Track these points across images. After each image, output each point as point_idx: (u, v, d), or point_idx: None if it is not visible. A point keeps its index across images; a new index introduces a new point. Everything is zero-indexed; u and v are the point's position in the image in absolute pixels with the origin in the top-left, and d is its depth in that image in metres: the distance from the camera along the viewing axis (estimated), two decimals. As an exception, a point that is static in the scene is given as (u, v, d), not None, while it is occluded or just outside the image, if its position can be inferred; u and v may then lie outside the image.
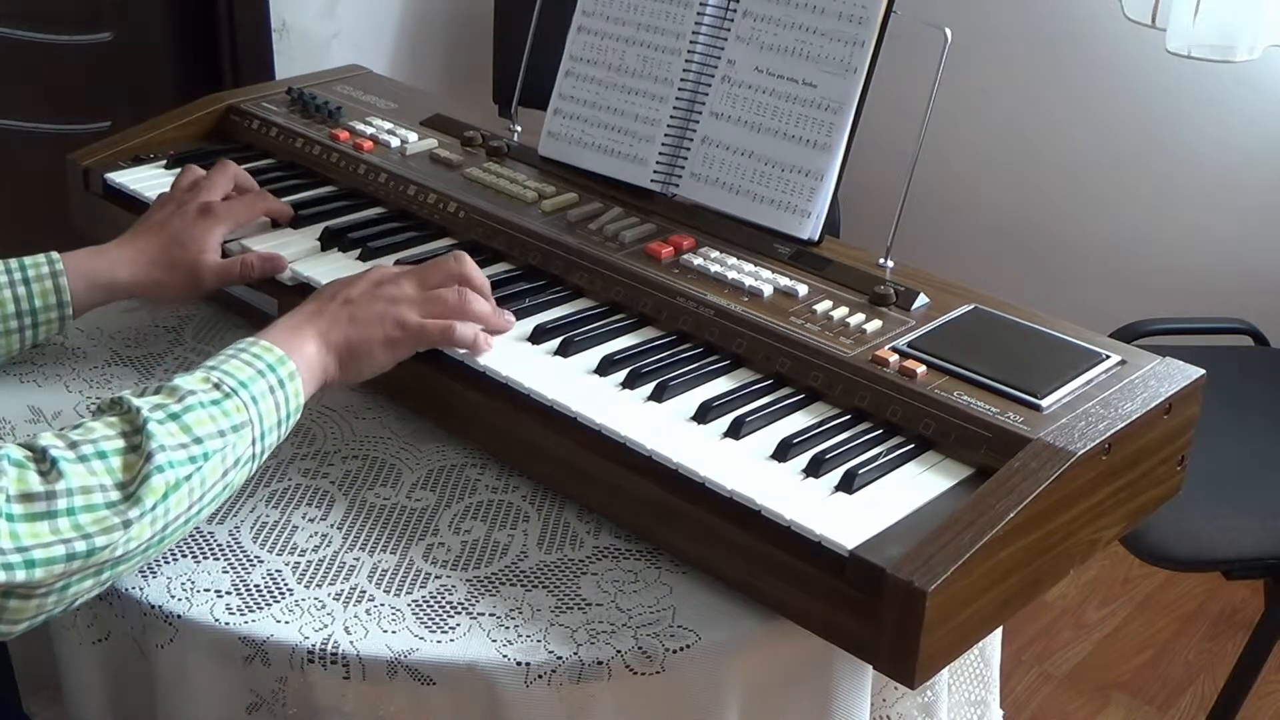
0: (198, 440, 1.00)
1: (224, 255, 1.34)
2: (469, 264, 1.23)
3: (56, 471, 0.94)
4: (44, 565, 0.92)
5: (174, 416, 1.00)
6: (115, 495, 0.96)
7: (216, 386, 1.04)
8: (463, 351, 1.20)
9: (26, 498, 0.93)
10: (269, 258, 1.33)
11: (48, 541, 0.92)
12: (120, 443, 0.98)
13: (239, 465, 1.04)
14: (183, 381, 1.03)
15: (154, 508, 0.97)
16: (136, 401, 1.01)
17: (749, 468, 1.07)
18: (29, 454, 0.96)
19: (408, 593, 1.07)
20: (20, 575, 0.91)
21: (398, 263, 1.34)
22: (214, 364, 1.06)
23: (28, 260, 1.25)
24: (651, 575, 1.10)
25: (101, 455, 0.97)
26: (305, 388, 1.10)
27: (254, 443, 1.05)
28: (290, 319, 1.15)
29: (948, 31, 1.25)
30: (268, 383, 1.06)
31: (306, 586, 1.08)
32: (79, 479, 0.95)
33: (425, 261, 1.24)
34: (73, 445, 0.97)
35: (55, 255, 1.26)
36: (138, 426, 0.99)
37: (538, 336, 1.23)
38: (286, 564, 1.10)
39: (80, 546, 0.93)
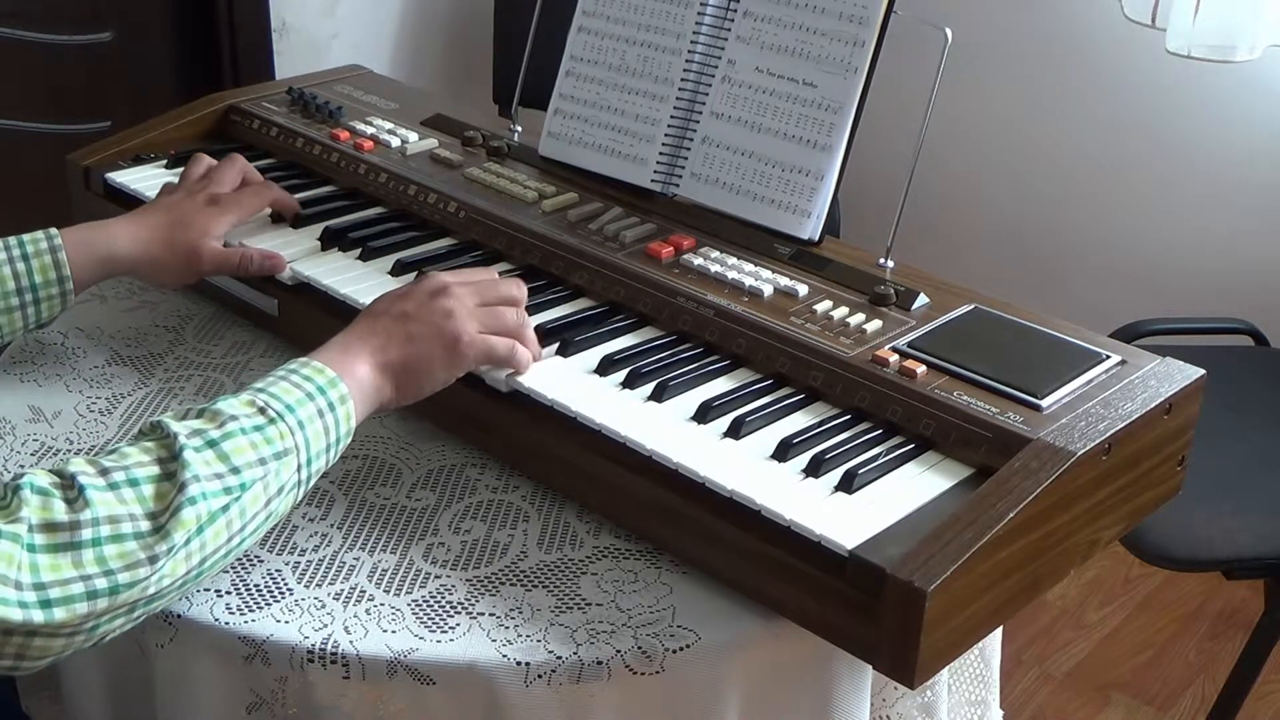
0: (235, 470, 0.96)
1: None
2: (525, 293, 1.20)
3: (84, 500, 0.90)
4: (63, 605, 0.88)
5: (212, 444, 0.96)
6: (145, 525, 0.92)
7: (261, 411, 0.99)
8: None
9: (50, 528, 0.89)
10: (268, 255, 1.33)
11: (68, 577, 0.88)
12: (154, 469, 0.94)
13: (283, 493, 1.00)
14: (225, 405, 0.99)
15: (187, 542, 0.92)
16: (175, 426, 0.96)
17: (749, 467, 1.07)
18: (56, 480, 0.92)
19: (408, 592, 1.07)
20: (38, 616, 0.87)
21: (399, 262, 1.34)
22: (261, 386, 1.02)
23: (26, 237, 1.24)
24: (651, 575, 1.10)
25: (133, 483, 0.93)
26: (357, 410, 1.05)
27: (299, 469, 1.00)
28: (344, 338, 1.09)
29: (948, 31, 1.25)
30: (317, 406, 1.02)
31: (306, 586, 1.08)
32: (107, 508, 0.90)
33: (478, 275, 1.20)
34: (104, 472, 0.93)
35: (54, 231, 1.25)
36: (174, 453, 0.95)
37: (538, 337, 1.23)
38: (286, 564, 1.10)
39: (102, 584, 0.89)
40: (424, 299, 1.13)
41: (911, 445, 1.10)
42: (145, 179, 1.53)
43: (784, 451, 1.08)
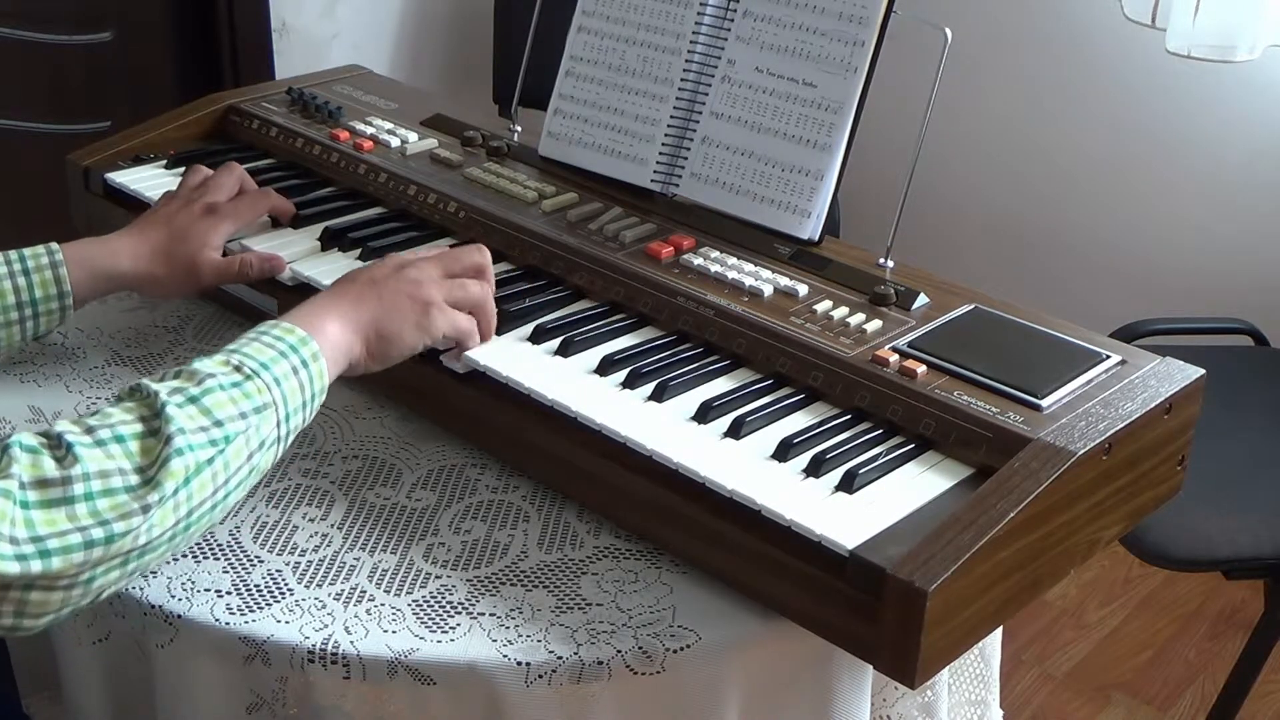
0: (218, 423, 0.98)
1: (224, 255, 1.34)
2: (488, 258, 1.24)
3: (72, 457, 0.93)
4: (61, 554, 0.90)
5: (193, 400, 0.98)
6: (134, 480, 0.94)
7: (237, 369, 1.02)
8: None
9: (42, 484, 0.91)
10: (268, 258, 1.33)
11: (64, 529, 0.90)
12: (138, 427, 0.97)
13: (264, 447, 1.02)
14: (201, 365, 1.02)
15: (175, 492, 0.95)
16: (154, 386, 0.99)
17: (749, 467, 1.07)
18: (44, 440, 0.94)
19: (408, 593, 1.07)
20: (36, 566, 0.89)
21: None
22: (234, 347, 1.05)
23: (27, 251, 1.24)
24: (651, 575, 1.10)
25: (119, 439, 0.95)
26: (330, 369, 1.08)
27: (279, 424, 1.03)
28: (312, 303, 1.13)
29: (948, 31, 1.25)
30: (290, 364, 1.05)
31: (307, 586, 1.08)
32: (96, 464, 0.93)
33: (439, 249, 1.24)
34: (89, 430, 0.95)
35: (55, 246, 1.25)
36: (156, 410, 0.97)
37: (538, 336, 1.23)
38: (287, 564, 1.10)
39: (98, 534, 0.91)
40: (392, 270, 1.17)
41: (911, 445, 1.10)
42: (145, 179, 1.53)
43: (784, 451, 1.08)
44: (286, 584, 1.08)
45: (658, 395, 1.15)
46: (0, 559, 0.88)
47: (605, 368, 1.19)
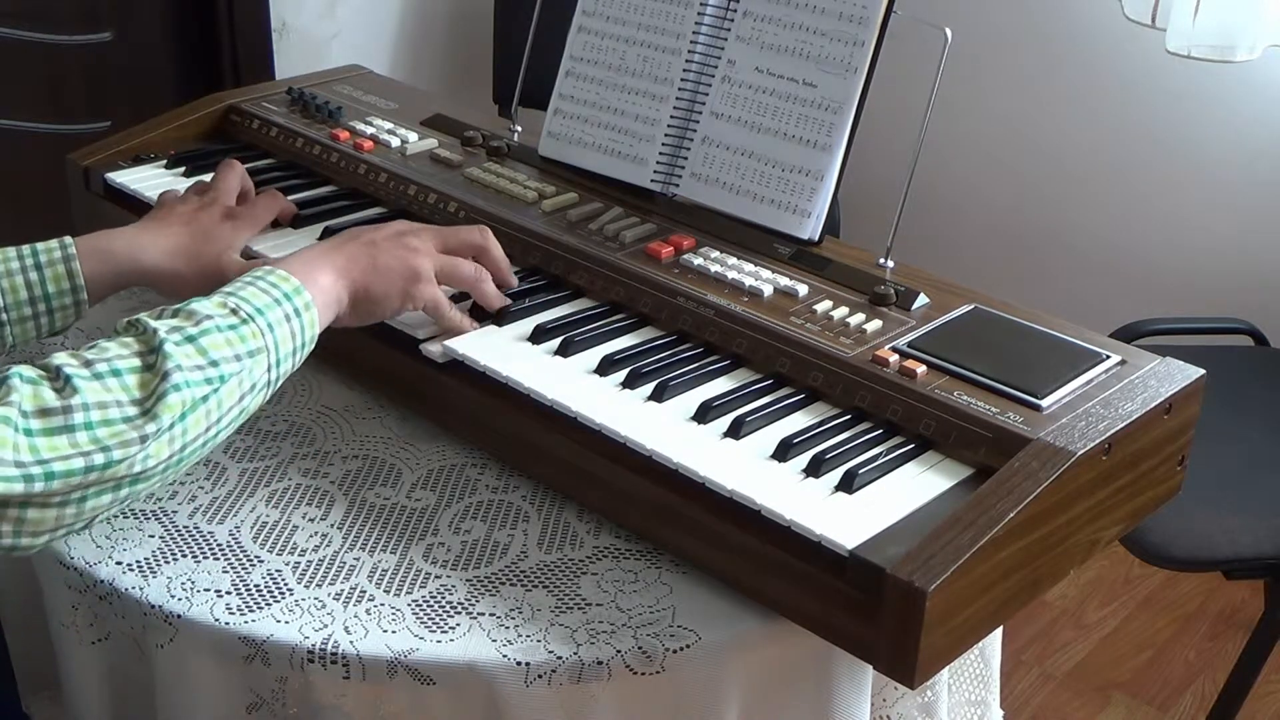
0: (214, 363, 1.01)
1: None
2: (492, 240, 1.26)
3: (71, 388, 0.95)
4: (62, 476, 0.93)
5: (190, 339, 1.01)
6: (132, 411, 0.96)
7: (234, 312, 1.04)
8: (463, 350, 1.20)
9: (43, 413, 0.94)
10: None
11: (66, 454, 0.93)
12: (136, 361, 0.99)
13: (255, 391, 1.05)
14: (199, 306, 1.04)
15: (171, 426, 0.97)
16: (153, 323, 1.01)
17: (749, 467, 1.07)
18: (42, 372, 0.97)
19: (408, 593, 1.07)
20: (39, 485, 0.92)
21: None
22: (231, 290, 1.07)
23: (40, 246, 1.23)
24: (651, 575, 1.10)
25: (116, 373, 0.97)
26: (320, 319, 1.11)
27: (269, 369, 1.05)
28: (308, 251, 1.16)
29: (948, 31, 1.25)
30: (284, 310, 1.07)
31: (306, 586, 1.08)
32: (95, 395, 0.95)
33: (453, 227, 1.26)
34: (87, 364, 0.97)
35: (68, 240, 1.24)
36: (154, 346, 0.99)
37: (538, 336, 1.23)
38: (286, 564, 1.10)
39: (99, 459, 0.94)
40: (392, 234, 1.20)
41: (911, 445, 1.10)
42: (145, 179, 1.53)
43: (784, 451, 1.08)
44: (286, 584, 1.08)
45: (658, 395, 1.15)
46: (6, 479, 0.91)
47: (605, 368, 1.19)
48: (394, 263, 1.17)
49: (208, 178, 1.52)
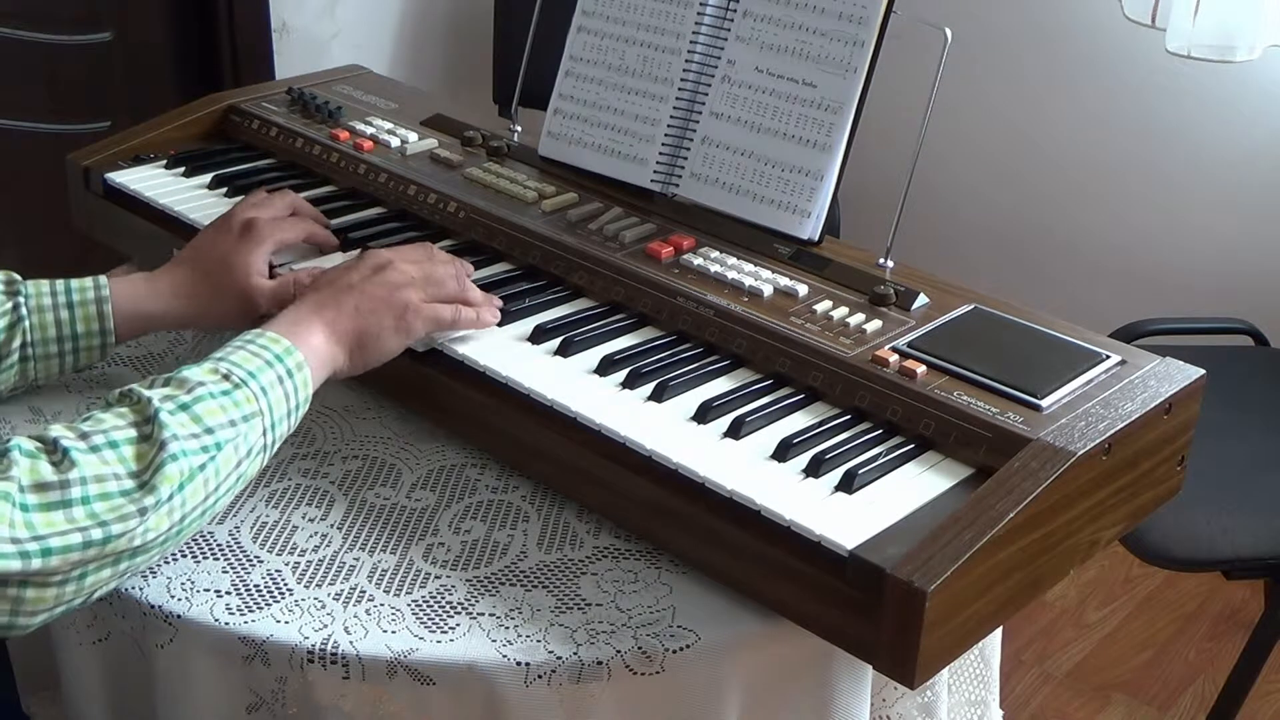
0: (209, 430, 1.00)
1: (271, 276, 1.28)
2: (460, 265, 1.25)
3: (69, 461, 0.94)
4: (60, 553, 0.92)
5: (184, 407, 1.00)
6: (130, 484, 0.96)
7: (226, 377, 1.03)
8: (462, 351, 1.20)
9: (40, 487, 0.92)
10: (312, 273, 1.27)
11: (64, 529, 0.92)
12: (132, 432, 0.98)
13: (252, 455, 1.04)
14: (191, 373, 1.03)
15: (170, 497, 0.96)
16: (146, 393, 1.00)
17: (749, 468, 1.07)
18: (40, 445, 0.95)
19: (408, 593, 1.07)
20: (36, 563, 0.91)
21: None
22: (221, 355, 1.06)
23: (75, 283, 1.22)
24: (651, 575, 1.10)
25: (113, 445, 0.96)
26: (313, 378, 1.10)
27: (265, 433, 1.04)
28: (294, 311, 1.14)
29: (948, 31, 1.25)
30: (276, 373, 1.06)
31: (306, 586, 1.08)
32: (92, 468, 0.94)
33: (415, 250, 1.23)
34: (83, 436, 0.96)
35: (103, 280, 1.23)
36: (149, 416, 0.98)
37: (538, 336, 1.23)
38: (286, 564, 1.10)
39: (97, 534, 0.93)
40: (368, 273, 1.17)
41: (911, 445, 1.10)
42: (145, 179, 1.53)
43: (784, 451, 1.08)
44: (286, 584, 1.08)
45: (657, 395, 1.15)
46: (3, 556, 0.89)
47: (605, 368, 1.19)
48: (378, 304, 1.15)
49: (208, 178, 1.53)
